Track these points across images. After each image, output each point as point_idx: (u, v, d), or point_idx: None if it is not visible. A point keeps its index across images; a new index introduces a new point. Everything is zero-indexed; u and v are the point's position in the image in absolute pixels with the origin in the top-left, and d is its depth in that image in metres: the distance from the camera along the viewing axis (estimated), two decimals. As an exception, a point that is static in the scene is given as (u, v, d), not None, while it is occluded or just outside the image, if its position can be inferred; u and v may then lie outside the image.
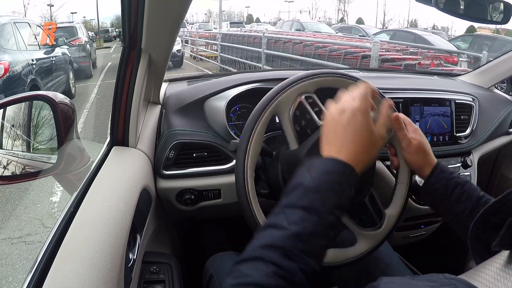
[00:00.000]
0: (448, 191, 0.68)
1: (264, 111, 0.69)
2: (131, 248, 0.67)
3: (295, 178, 0.52)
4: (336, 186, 0.50)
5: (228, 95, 1.00)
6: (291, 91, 0.70)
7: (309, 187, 0.49)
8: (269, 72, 1.33)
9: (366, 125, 0.55)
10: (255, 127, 0.69)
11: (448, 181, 0.69)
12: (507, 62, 1.39)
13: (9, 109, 0.84)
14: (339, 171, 0.51)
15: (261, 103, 0.70)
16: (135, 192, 0.72)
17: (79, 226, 0.58)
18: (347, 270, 0.85)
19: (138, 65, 0.80)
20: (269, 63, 6.53)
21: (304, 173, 0.51)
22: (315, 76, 0.72)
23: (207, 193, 1.00)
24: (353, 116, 0.54)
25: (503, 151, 1.46)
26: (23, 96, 0.87)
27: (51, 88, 4.65)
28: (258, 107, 0.70)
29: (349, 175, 0.52)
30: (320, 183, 0.49)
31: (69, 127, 0.79)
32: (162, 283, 0.71)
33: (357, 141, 0.54)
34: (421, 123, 1.15)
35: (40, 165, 0.80)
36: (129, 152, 0.86)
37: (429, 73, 1.71)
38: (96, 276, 0.49)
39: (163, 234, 1.06)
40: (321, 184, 0.49)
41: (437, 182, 0.69)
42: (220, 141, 0.99)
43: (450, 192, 0.68)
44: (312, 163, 0.52)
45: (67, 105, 0.80)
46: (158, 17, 0.70)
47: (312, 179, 0.50)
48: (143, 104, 0.97)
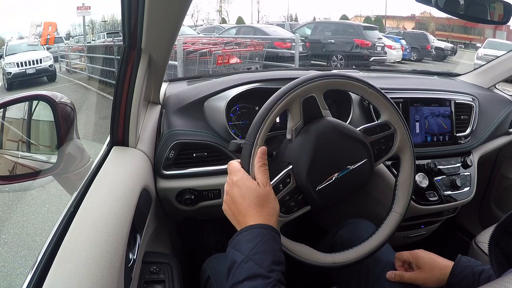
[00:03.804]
0: (475, 278, 0.72)
1: (277, 104, 0.68)
2: (131, 248, 0.67)
3: (228, 260, 0.57)
4: (263, 246, 0.55)
5: (228, 95, 1.00)
6: (304, 89, 0.70)
7: (242, 260, 0.54)
8: (269, 72, 1.33)
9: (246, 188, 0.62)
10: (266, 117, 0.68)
11: (473, 268, 0.73)
12: (507, 62, 1.39)
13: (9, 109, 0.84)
14: (258, 233, 0.57)
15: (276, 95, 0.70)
16: (135, 192, 0.72)
17: (79, 226, 0.58)
18: (347, 270, 0.85)
19: (138, 65, 0.80)
20: None
21: (232, 252, 0.57)
22: (327, 77, 0.71)
23: (207, 193, 1.00)
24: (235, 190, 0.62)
25: (503, 151, 1.46)
26: (23, 96, 0.87)
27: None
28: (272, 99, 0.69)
29: (267, 232, 0.57)
30: (248, 252, 0.55)
31: (69, 127, 0.80)
32: (162, 283, 0.71)
33: (251, 203, 0.60)
34: (421, 123, 1.15)
35: (40, 165, 0.80)
36: (129, 152, 0.86)
37: (429, 73, 1.71)
38: (96, 276, 0.49)
39: (163, 234, 1.06)
40: (250, 252, 0.55)
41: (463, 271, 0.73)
42: (220, 141, 0.99)
43: (477, 278, 0.71)
44: (234, 240, 0.58)
45: (67, 104, 0.80)
46: (158, 17, 0.70)
47: (241, 253, 0.55)
48: (143, 104, 0.97)
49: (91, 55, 8.38)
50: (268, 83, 1.07)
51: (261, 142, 0.66)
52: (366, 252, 0.73)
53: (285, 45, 7.91)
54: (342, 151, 0.71)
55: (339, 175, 0.70)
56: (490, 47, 11.43)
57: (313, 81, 0.70)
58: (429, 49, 13.73)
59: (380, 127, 0.76)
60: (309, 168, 0.68)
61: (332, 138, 0.70)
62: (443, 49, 14.82)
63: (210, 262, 0.88)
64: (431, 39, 14.43)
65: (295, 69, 3.63)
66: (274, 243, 0.57)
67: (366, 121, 1.09)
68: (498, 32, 19.02)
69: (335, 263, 0.71)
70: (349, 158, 0.71)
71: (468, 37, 18.71)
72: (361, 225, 0.89)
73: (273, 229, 0.59)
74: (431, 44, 13.94)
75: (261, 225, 0.58)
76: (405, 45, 12.76)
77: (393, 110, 0.76)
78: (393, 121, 0.76)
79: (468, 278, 0.72)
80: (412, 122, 1.14)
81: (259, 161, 0.64)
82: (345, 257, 0.72)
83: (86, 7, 9.25)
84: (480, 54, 11.22)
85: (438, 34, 24.06)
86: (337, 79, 0.72)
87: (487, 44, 12.03)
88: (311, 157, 0.68)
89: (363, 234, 0.77)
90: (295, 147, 0.71)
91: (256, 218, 0.59)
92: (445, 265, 0.77)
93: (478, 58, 11.07)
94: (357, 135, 0.73)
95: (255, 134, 0.66)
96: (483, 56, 10.73)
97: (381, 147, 0.76)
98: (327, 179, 0.69)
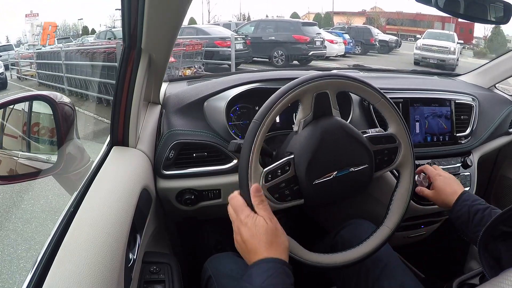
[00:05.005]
0: (470, 217, 0.78)
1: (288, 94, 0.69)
2: (131, 248, 0.67)
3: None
4: (276, 279, 0.56)
5: (228, 95, 1.00)
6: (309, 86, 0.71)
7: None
8: (269, 72, 1.33)
9: (254, 227, 0.62)
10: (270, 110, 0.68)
11: (470, 208, 0.79)
12: (507, 62, 1.39)
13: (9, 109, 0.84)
14: (270, 266, 0.58)
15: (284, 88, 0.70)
16: (135, 192, 0.72)
17: (79, 226, 0.58)
18: (347, 270, 0.85)
19: (138, 65, 0.80)
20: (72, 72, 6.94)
21: (244, 285, 0.58)
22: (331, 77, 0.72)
23: (207, 193, 1.00)
24: (243, 230, 0.63)
25: (503, 151, 1.46)
26: (23, 96, 0.87)
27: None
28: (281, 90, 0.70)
29: (279, 266, 0.58)
30: (262, 284, 0.56)
31: (69, 127, 0.79)
32: (162, 283, 0.71)
33: (261, 241, 0.61)
34: (421, 123, 1.15)
35: (40, 165, 0.80)
36: (129, 152, 0.86)
37: (429, 73, 1.71)
38: (96, 276, 0.49)
39: (163, 234, 1.06)
40: (264, 284, 0.55)
41: (460, 210, 0.81)
42: (220, 141, 0.99)
43: (471, 218, 0.78)
44: (248, 274, 0.59)
45: (67, 105, 0.80)
46: (158, 17, 0.70)
47: (254, 286, 0.56)
48: (143, 104, 0.97)
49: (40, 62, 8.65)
50: (268, 83, 1.07)
51: (269, 123, 0.67)
52: (346, 260, 0.73)
53: (225, 43, 8.39)
54: (346, 152, 0.72)
55: (338, 174, 0.70)
56: (429, 37, 11.95)
57: (330, 78, 0.71)
58: (373, 42, 14.24)
59: (386, 138, 0.78)
60: (310, 160, 0.68)
61: (338, 136, 0.71)
62: (387, 42, 15.37)
63: (211, 262, 0.88)
64: (374, 32, 14.91)
65: (295, 69, 3.63)
66: (286, 278, 0.58)
67: (366, 121, 1.10)
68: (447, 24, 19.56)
69: (320, 262, 0.71)
70: (351, 160, 0.72)
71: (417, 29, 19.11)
72: (363, 225, 0.90)
73: (285, 263, 0.60)
74: (375, 37, 14.45)
75: (274, 259, 0.59)
76: (349, 39, 13.20)
77: (401, 124, 0.77)
78: (399, 135, 0.77)
79: (464, 217, 0.80)
80: (412, 122, 1.14)
81: (256, 200, 0.65)
82: (331, 259, 0.73)
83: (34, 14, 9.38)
84: (419, 44, 11.66)
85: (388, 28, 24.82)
86: (354, 82, 0.73)
87: (426, 35, 12.50)
88: (315, 150, 0.69)
89: (363, 235, 0.78)
90: (300, 138, 0.71)
91: (267, 255, 0.60)
92: (451, 192, 0.86)
93: (417, 48, 11.53)
94: (363, 140, 0.74)
95: (264, 114, 0.67)
96: (422, 46, 11.30)
97: (383, 158, 0.77)
98: (326, 175, 0.70)
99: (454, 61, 10.82)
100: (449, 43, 11.13)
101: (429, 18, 24.39)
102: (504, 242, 0.53)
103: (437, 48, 10.93)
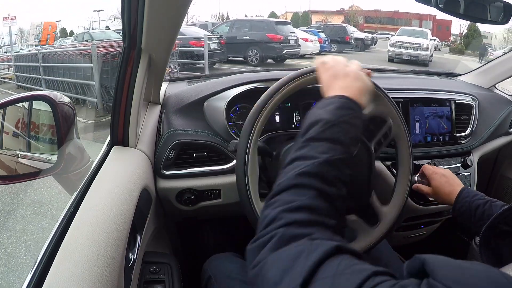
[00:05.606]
0: (471, 213, 0.80)
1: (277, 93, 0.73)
2: (131, 248, 0.67)
3: (311, 116, 0.54)
4: (352, 120, 0.54)
5: (228, 95, 1.00)
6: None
7: (329, 121, 0.52)
8: (269, 72, 1.32)
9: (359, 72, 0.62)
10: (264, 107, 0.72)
11: (470, 204, 0.81)
12: (507, 62, 1.39)
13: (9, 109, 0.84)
14: (351, 106, 0.55)
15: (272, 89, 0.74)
16: (135, 192, 0.72)
17: (79, 226, 0.58)
18: None
19: (138, 65, 0.80)
20: (50, 74, 7.00)
21: (319, 111, 0.54)
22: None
23: (207, 193, 1.00)
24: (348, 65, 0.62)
25: (503, 151, 1.46)
26: (23, 96, 0.87)
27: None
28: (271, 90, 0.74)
29: (358, 110, 0.56)
30: (338, 117, 0.53)
31: (69, 127, 0.79)
32: (162, 283, 0.71)
33: (354, 85, 0.59)
34: (421, 123, 1.15)
35: (40, 165, 0.80)
36: (129, 152, 0.86)
37: (429, 73, 1.71)
38: (96, 276, 0.49)
39: (163, 234, 1.06)
40: (339, 118, 0.52)
41: (462, 207, 0.82)
42: (220, 141, 0.99)
43: (473, 213, 0.79)
44: (324, 102, 0.56)
45: (67, 105, 0.80)
46: (158, 17, 0.70)
47: (330, 114, 0.53)
48: (143, 104, 0.97)
49: (19, 64, 8.68)
50: (268, 83, 1.07)
51: (273, 106, 0.72)
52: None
53: (199, 43, 8.51)
54: None
55: None
56: (403, 34, 12.16)
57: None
58: (349, 40, 14.25)
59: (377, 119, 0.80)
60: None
61: None
62: (363, 40, 15.53)
63: (211, 262, 0.88)
64: (350, 30, 15.02)
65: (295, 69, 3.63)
66: (361, 124, 0.56)
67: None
68: (425, 22, 19.76)
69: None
70: None
71: (395, 27, 19.34)
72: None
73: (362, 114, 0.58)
74: (350, 35, 14.50)
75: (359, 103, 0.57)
76: (324, 37, 13.22)
77: (388, 102, 0.80)
78: (389, 113, 0.80)
79: (466, 213, 0.81)
80: (412, 122, 1.14)
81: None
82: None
83: (12, 17, 9.37)
84: (392, 41, 11.84)
85: (367, 26, 24.97)
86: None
87: (400, 32, 12.73)
88: None
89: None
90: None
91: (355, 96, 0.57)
92: (450, 190, 0.87)
93: (390, 45, 11.70)
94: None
95: (265, 102, 0.71)
96: (395, 43, 11.49)
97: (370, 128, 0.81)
98: None
99: (427, 57, 11.04)
100: (422, 40, 11.31)
101: (406, 16, 24.87)
102: (504, 240, 0.53)
103: (410, 45, 11.10)
